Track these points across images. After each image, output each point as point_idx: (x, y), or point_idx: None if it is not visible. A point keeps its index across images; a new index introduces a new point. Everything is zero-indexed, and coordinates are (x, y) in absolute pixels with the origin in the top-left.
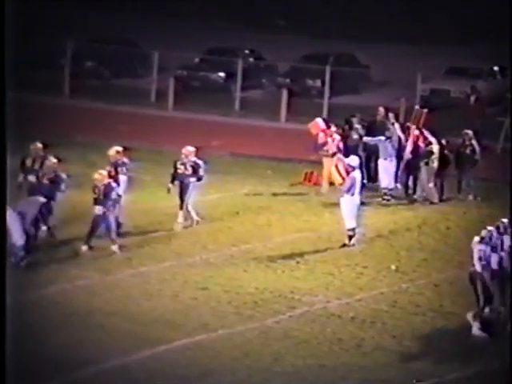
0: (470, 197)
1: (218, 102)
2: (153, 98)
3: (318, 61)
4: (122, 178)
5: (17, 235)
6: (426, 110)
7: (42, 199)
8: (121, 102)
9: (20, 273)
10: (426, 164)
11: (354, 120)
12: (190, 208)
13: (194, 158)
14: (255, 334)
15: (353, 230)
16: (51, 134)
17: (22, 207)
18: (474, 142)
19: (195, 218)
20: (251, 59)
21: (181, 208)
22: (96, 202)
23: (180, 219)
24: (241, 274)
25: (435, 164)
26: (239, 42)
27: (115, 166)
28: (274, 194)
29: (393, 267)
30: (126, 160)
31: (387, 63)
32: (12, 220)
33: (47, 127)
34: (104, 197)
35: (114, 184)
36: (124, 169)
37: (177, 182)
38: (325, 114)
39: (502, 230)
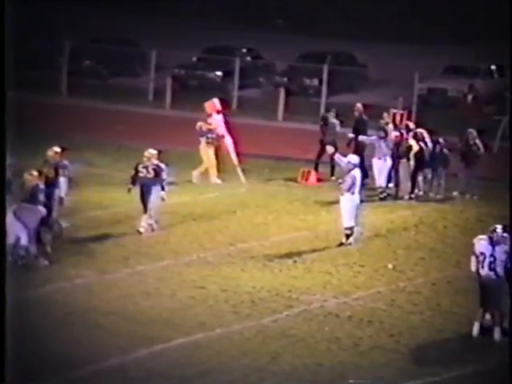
0: (467, 195)
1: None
2: (150, 96)
3: (315, 60)
4: (62, 180)
5: (18, 235)
6: (402, 111)
7: (43, 210)
8: (119, 101)
9: (19, 272)
10: (408, 160)
11: (330, 115)
12: (152, 213)
13: (156, 161)
14: (253, 333)
15: (351, 228)
16: (49, 133)
17: (23, 216)
18: (477, 141)
19: (154, 224)
20: (249, 58)
21: (144, 212)
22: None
23: (143, 223)
24: (238, 273)
25: (412, 161)
26: (237, 40)
27: (55, 167)
28: (272, 193)
29: (390, 266)
30: (65, 162)
31: (385, 62)
32: (12, 221)
33: (45, 126)
34: (30, 197)
35: (41, 186)
36: (64, 171)
37: (138, 185)
38: (322, 112)
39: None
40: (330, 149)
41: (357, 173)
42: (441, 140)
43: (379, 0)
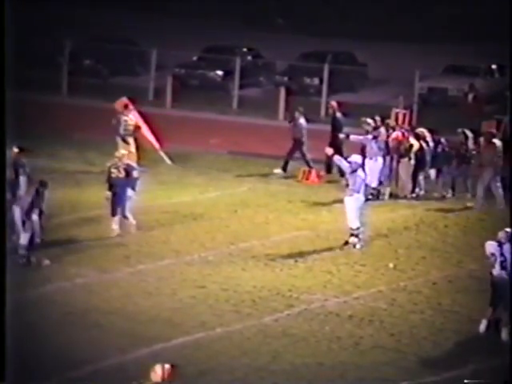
0: (469, 195)
1: (215, 100)
2: (151, 96)
3: (316, 59)
4: (22, 179)
5: (22, 233)
6: (403, 111)
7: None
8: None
9: (19, 271)
10: (409, 159)
11: (298, 113)
12: (127, 213)
13: (127, 161)
14: (253, 332)
15: (357, 229)
16: (49, 132)
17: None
18: (469, 142)
19: (132, 221)
20: (249, 57)
21: (113, 214)
22: None
23: (114, 226)
24: (239, 273)
25: (412, 161)
26: (237, 40)
27: (15, 166)
28: (272, 193)
29: (391, 265)
30: (24, 160)
31: (385, 61)
32: (18, 217)
33: (45, 125)
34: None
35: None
36: (23, 169)
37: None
38: (323, 112)
39: None
40: (329, 150)
41: (361, 173)
42: (443, 140)
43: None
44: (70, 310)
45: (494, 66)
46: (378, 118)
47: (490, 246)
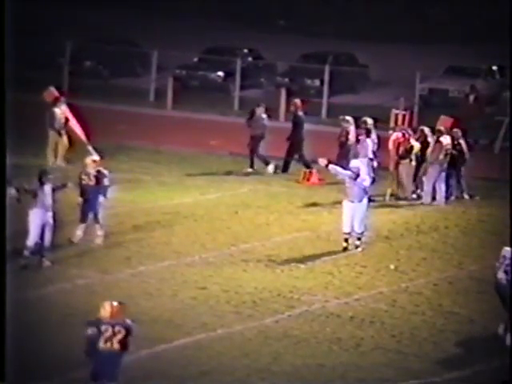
0: (466, 196)
1: (216, 101)
2: (152, 97)
3: (316, 60)
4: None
5: (31, 235)
6: (403, 112)
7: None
8: (120, 102)
9: (20, 272)
10: (410, 161)
11: (258, 110)
12: (101, 222)
13: (97, 168)
14: (254, 334)
15: (361, 233)
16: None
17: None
18: (461, 141)
19: (101, 232)
20: (250, 59)
21: (82, 221)
22: None
23: (79, 231)
24: (240, 274)
25: (413, 162)
26: (238, 41)
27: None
28: (273, 194)
29: (392, 267)
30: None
31: (386, 63)
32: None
33: (46, 126)
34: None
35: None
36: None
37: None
38: (324, 113)
39: None
40: (322, 161)
41: (365, 177)
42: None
43: (380, 0)
44: (70, 311)
45: (494, 67)
46: (370, 121)
47: (504, 251)
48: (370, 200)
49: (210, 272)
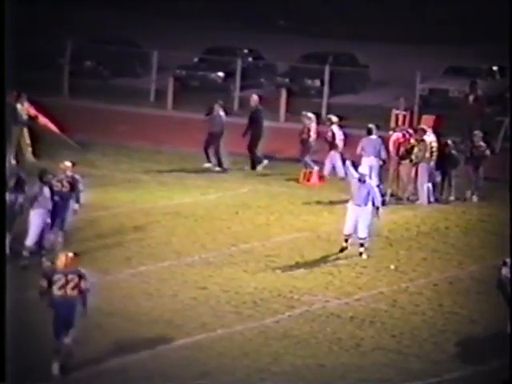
0: (474, 198)
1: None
2: (152, 97)
3: (317, 60)
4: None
5: (31, 235)
6: (403, 112)
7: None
8: (120, 102)
9: (20, 273)
10: (410, 161)
11: (217, 107)
12: (64, 228)
13: (70, 173)
14: (254, 334)
15: (364, 239)
16: (50, 133)
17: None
18: (482, 143)
19: (60, 239)
20: (250, 59)
21: (61, 228)
22: None
23: (60, 239)
24: (240, 274)
25: (413, 162)
26: (238, 41)
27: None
28: (273, 194)
29: (392, 267)
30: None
31: (386, 63)
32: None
33: (46, 127)
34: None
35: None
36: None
37: (54, 199)
38: (324, 113)
39: None
40: (348, 163)
41: (372, 182)
42: (449, 141)
43: (381, 0)
44: None
45: (494, 68)
46: (372, 126)
47: None
48: (383, 203)
49: (210, 272)
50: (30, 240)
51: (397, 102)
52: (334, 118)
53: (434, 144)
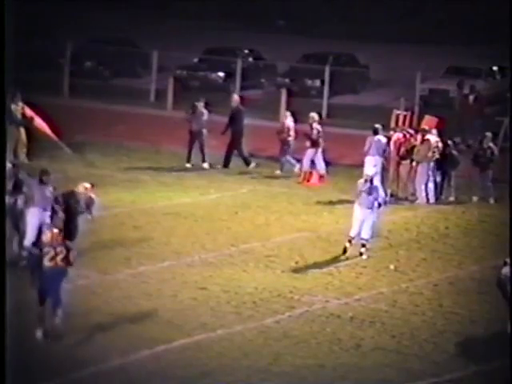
0: (475, 198)
1: (217, 101)
2: (152, 97)
3: (317, 61)
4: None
5: (28, 235)
6: (404, 113)
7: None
8: (120, 102)
9: (20, 273)
10: (411, 162)
11: (199, 105)
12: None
13: (89, 194)
14: (254, 334)
15: (367, 240)
16: (44, 136)
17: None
18: (491, 144)
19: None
20: (250, 59)
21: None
22: None
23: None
24: (240, 274)
25: (414, 162)
26: (238, 41)
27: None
28: (273, 194)
29: (391, 267)
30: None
31: (386, 63)
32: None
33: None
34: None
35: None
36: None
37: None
38: (324, 113)
39: None
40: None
41: (378, 184)
42: (449, 142)
43: (381, 1)
44: (71, 311)
45: (495, 68)
46: (378, 126)
47: None
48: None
49: (210, 272)
50: (28, 240)
51: (397, 102)
52: (316, 116)
53: (440, 144)
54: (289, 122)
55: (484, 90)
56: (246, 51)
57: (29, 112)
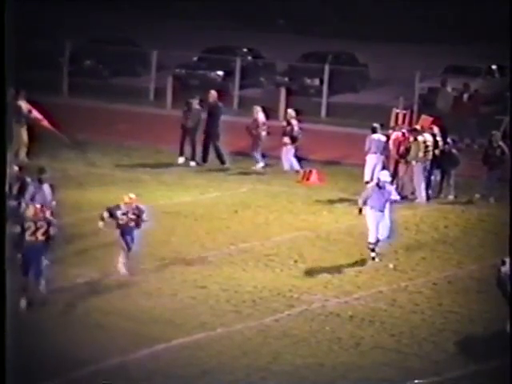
0: (491, 199)
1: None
2: (151, 96)
3: (316, 59)
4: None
5: None
6: (403, 111)
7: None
8: (119, 101)
9: (19, 272)
10: (406, 162)
11: (194, 102)
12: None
13: (135, 205)
14: (254, 333)
15: (374, 243)
16: (50, 133)
17: None
18: (501, 143)
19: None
20: (250, 58)
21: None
22: None
23: (123, 260)
24: (239, 273)
25: (413, 161)
26: (238, 40)
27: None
28: (273, 193)
29: (391, 266)
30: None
31: (386, 62)
32: None
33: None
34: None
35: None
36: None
37: (118, 231)
38: (323, 112)
39: None
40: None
41: (390, 188)
42: (449, 140)
43: (380, 0)
44: (70, 310)
45: (494, 67)
46: (376, 125)
47: None
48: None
49: (210, 271)
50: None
51: (397, 101)
52: (293, 113)
53: (429, 143)
54: (260, 117)
55: (483, 88)
56: (246, 50)
57: (26, 106)
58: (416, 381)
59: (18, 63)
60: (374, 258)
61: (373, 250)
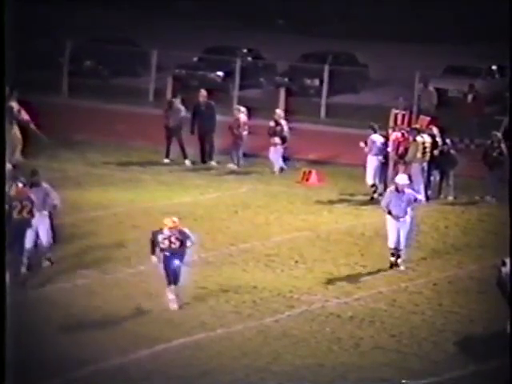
0: (493, 199)
1: (216, 100)
2: (151, 97)
3: (316, 60)
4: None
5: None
6: (403, 112)
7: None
8: (119, 101)
9: (19, 272)
10: (404, 163)
11: (176, 101)
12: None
13: (178, 229)
14: (254, 333)
15: (395, 249)
16: (50, 133)
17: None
18: (502, 144)
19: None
20: (249, 58)
21: (169, 283)
22: None
23: (172, 296)
24: (239, 273)
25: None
26: (238, 41)
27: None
28: (273, 193)
29: (402, 268)
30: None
31: (386, 62)
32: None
33: (46, 126)
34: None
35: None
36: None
37: (160, 256)
38: (323, 113)
39: None
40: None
41: (409, 192)
42: (448, 141)
43: (381, 0)
44: (70, 310)
45: (494, 67)
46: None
47: None
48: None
49: (210, 272)
50: (28, 242)
51: (396, 102)
52: (282, 113)
53: (427, 145)
54: (242, 116)
55: (483, 89)
56: (245, 50)
57: (16, 106)
58: (404, 380)
59: (18, 63)
60: (391, 265)
61: (392, 255)
